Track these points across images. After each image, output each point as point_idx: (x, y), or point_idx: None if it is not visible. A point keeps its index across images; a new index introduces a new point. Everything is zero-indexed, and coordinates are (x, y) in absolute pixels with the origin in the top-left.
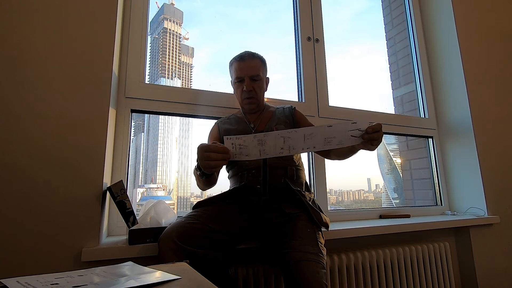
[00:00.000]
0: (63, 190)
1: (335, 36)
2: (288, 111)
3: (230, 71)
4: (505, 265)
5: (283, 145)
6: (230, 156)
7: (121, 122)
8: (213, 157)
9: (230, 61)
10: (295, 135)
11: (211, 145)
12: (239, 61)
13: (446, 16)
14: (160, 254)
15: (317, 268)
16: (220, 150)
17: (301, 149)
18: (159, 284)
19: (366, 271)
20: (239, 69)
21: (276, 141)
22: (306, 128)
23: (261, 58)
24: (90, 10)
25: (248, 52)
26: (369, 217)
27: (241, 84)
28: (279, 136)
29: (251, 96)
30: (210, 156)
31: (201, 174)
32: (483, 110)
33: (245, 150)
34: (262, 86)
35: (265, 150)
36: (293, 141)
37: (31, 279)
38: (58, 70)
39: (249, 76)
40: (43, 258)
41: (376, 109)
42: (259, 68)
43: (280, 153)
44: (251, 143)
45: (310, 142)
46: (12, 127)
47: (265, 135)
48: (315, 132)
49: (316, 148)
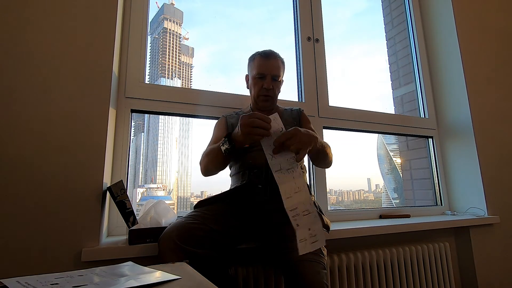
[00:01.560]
0: (63, 190)
1: (335, 36)
2: (296, 113)
3: (251, 65)
4: (505, 265)
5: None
6: (271, 132)
7: (121, 122)
8: (258, 123)
9: (252, 56)
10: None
11: (257, 113)
12: (264, 58)
13: (446, 16)
14: (160, 254)
15: (318, 268)
16: (266, 119)
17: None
18: (159, 284)
19: (366, 271)
20: (264, 65)
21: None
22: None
23: (282, 60)
24: (90, 10)
25: (272, 51)
26: (369, 217)
27: (261, 81)
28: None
29: (269, 94)
30: (255, 122)
31: (228, 148)
32: (483, 110)
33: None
34: (279, 87)
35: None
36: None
37: (31, 279)
38: (58, 70)
39: (271, 75)
40: (43, 258)
41: (376, 109)
42: (281, 69)
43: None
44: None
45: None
46: (12, 127)
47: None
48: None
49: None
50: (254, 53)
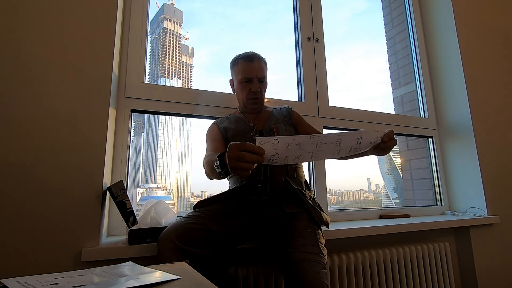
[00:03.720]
0: (63, 190)
1: (335, 36)
2: (285, 111)
3: (234, 70)
4: (505, 265)
5: (313, 150)
6: (264, 159)
7: (121, 122)
8: (247, 158)
9: (234, 60)
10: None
11: (247, 144)
12: (248, 61)
13: (446, 16)
14: (159, 254)
15: (318, 268)
16: (255, 150)
17: (328, 155)
18: (159, 284)
19: (366, 271)
20: (248, 69)
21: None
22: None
23: (265, 60)
24: (90, 10)
25: (254, 53)
26: (369, 217)
27: (248, 85)
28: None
29: (257, 96)
30: (244, 156)
31: (222, 172)
32: (483, 110)
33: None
34: (266, 88)
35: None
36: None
37: (31, 279)
38: (58, 70)
39: (257, 77)
40: (43, 258)
41: (376, 109)
42: (265, 70)
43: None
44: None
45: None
46: (12, 127)
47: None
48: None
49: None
50: (236, 56)
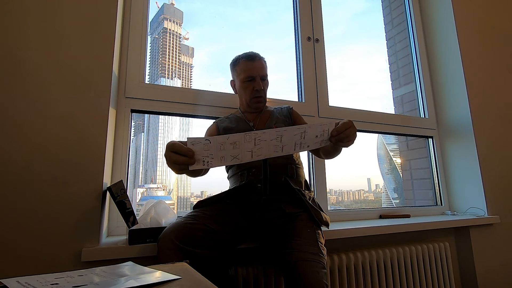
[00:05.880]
0: (63, 190)
1: (335, 36)
2: (286, 111)
3: (236, 70)
4: (505, 265)
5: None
6: (195, 161)
7: (121, 122)
8: (173, 159)
9: (235, 61)
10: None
11: (177, 144)
12: (250, 60)
13: (446, 16)
14: (159, 254)
15: (318, 268)
16: (184, 152)
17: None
18: (159, 284)
19: (366, 271)
20: (251, 68)
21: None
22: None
23: (265, 60)
24: (90, 10)
25: (255, 52)
26: (369, 217)
27: (251, 83)
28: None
29: (261, 95)
30: (171, 157)
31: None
32: (483, 110)
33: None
34: (267, 86)
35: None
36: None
37: (31, 279)
38: (58, 70)
39: (260, 76)
40: (43, 258)
41: (376, 109)
42: (266, 68)
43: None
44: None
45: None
46: (12, 127)
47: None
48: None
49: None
50: (236, 57)
